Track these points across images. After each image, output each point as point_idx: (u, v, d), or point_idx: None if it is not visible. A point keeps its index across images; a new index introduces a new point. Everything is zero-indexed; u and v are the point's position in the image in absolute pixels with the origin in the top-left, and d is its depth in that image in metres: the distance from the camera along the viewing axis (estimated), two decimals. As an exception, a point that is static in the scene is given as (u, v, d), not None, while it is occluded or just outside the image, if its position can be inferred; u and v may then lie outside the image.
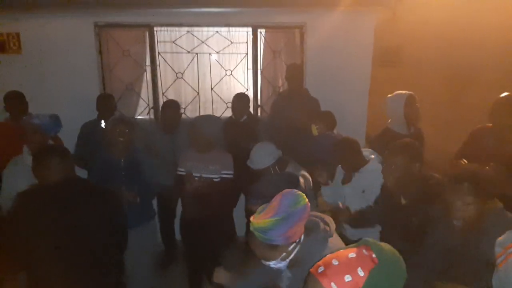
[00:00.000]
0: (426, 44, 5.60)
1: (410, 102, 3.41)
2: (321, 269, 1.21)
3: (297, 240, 1.72)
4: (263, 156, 3.14)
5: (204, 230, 3.33)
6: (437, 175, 2.51)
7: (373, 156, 3.04)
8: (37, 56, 4.47)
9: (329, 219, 1.84)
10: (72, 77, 4.51)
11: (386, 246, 1.26)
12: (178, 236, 4.32)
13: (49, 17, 4.37)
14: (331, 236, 1.78)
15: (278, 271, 1.81)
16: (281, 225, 1.62)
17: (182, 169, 3.42)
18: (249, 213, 4.17)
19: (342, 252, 1.25)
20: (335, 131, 3.80)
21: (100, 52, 4.66)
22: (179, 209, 3.90)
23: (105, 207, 2.39)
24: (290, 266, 1.76)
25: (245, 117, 4.30)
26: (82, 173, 3.23)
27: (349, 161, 3.04)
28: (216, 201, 3.26)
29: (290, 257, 1.73)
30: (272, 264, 1.73)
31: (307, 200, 1.70)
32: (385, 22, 5.06)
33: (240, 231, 4.50)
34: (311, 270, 1.24)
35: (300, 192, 1.72)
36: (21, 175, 3.00)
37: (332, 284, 1.16)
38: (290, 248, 1.71)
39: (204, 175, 3.33)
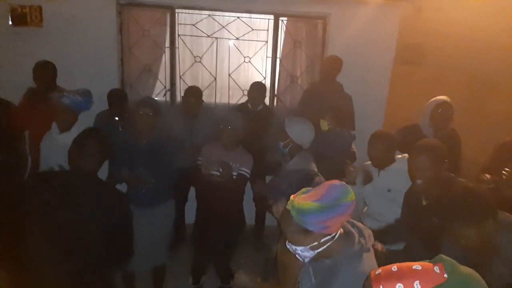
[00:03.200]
0: (450, 45, 5.48)
1: (440, 108, 3.36)
2: (378, 271, 1.20)
3: (332, 235, 1.61)
4: (310, 134, 2.97)
5: (216, 220, 3.35)
6: (463, 179, 2.37)
7: (399, 156, 2.92)
8: (58, 31, 4.46)
9: (368, 232, 1.71)
10: (91, 54, 4.50)
11: (464, 269, 1.19)
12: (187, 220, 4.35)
13: (72, -8, 4.36)
14: (367, 251, 1.65)
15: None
16: (322, 213, 1.54)
17: (202, 159, 3.43)
18: (258, 201, 4.19)
19: (411, 262, 1.20)
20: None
21: (121, 31, 4.64)
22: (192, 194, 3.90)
23: (110, 206, 2.27)
24: (315, 259, 1.65)
25: (260, 106, 4.26)
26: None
27: (382, 155, 2.89)
28: (229, 195, 3.31)
29: (319, 250, 1.60)
30: (300, 250, 1.61)
31: (354, 197, 1.61)
32: (409, 19, 4.96)
33: (249, 220, 4.50)
34: (371, 272, 1.23)
35: (349, 187, 1.63)
36: (52, 152, 3.03)
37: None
38: (322, 240, 1.59)
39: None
